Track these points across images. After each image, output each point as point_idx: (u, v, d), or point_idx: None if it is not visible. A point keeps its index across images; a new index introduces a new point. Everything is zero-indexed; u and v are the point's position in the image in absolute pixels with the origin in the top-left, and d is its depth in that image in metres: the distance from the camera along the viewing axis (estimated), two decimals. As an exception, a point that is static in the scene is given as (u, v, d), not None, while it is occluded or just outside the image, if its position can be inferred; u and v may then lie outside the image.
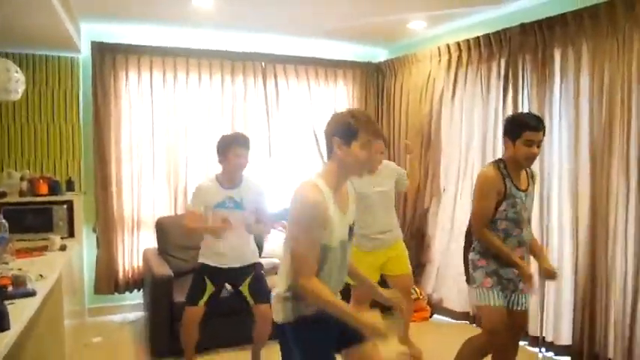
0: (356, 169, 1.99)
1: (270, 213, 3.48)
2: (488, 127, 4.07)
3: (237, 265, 3.21)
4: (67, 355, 3.27)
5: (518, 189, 2.69)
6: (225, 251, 3.15)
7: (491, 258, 2.72)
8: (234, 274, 3.22)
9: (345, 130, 1.93)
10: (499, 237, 2.68)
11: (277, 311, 2.01)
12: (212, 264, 3.18)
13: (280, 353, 2.05)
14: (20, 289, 2.31)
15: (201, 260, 3.24)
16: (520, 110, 3.77)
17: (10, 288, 2.31)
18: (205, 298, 3.17)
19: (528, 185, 2.76)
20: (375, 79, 5.28)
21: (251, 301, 3.24)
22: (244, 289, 3.24)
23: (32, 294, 2.29)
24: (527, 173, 2.79)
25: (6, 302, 1.99)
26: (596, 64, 3.28)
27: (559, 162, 3.55)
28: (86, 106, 4.31)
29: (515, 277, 2.72)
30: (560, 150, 3.54)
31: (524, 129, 2.58)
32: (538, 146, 2.62)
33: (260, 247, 3.90)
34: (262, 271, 3.34)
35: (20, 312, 2.07)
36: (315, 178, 1.96)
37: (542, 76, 3.63)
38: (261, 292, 3.19)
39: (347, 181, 2.08)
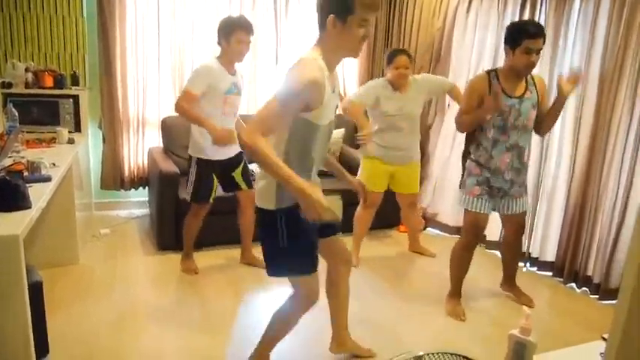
0: (352, 49, 1.87)
1: None
2: (500, 45, 3.98)
3: (232, 154, 3.30)
4: (78, 242, 3.46)
5: (509, 96, 2.76)
6: (225, 145, 3.18)
7: (485, 167, 2.86)
8: (230, 164, 3.31)
9: (341, 5, 1.78)
10: (487, 144, 2.85)
11: (265, 198, 1.95)
12: (210, 157, 3.20)
13: (262, 243, 2.04)
14: (35, 174, 2.41)
15: (197, 155, 3.21)
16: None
17: (25, 173, 2.40)
18: (214, 193, 3.28)
19: (525, 91, 2.81)
20: (389, -11, 5.08)
21: (243, 186, 3.37)
22: (237, 175, 3.36)
23: (48, 179, 2.39)
24: (526, 80, 2.83)
25: (25, 184, 2.09)
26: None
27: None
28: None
29: (504, 184, 2.90)
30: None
31: (523, 37, 2.63)
32: (537, 54, 2.67)
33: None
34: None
35: (38, 195, 2.17)
36: (317, 56, 1.84)
37: (561, -4, 3.52)
38: (250, 179, 3.41)
39: (341, 61, 1.99)
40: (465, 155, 3.05)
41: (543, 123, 2.91)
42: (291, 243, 1.96)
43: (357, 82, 5.08)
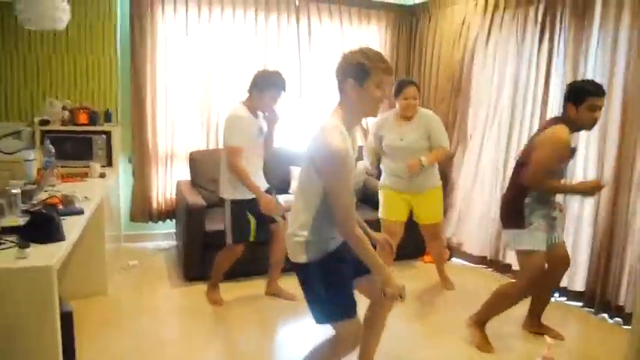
0: (371, 109, 2.00)
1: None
2: (520, 74, 4.04)
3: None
4: (107, 274, 3.55)
5: (572, 148, 2.84)
6: (260, 184, 3.25)
7: (544, 202, 2.87)
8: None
9: (358, 71, 1.91)
10: None
11: (298, 252, 2.04)
12: (245, 197, 3.22)
13: (303, 293, 2.11)
14: (70, 207, 2.52)
15: (236, 197, 3.23)
16: (554, 59, 3.75)
17: (60, 207, 2.51)
18: (253, 232, 3.29)
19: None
20: (409, 22, 5.20)
21: (278, 218, 3.38)
22: None
23: (80, 212, 2.50)
24: None
25: (59, 217, 2.19)
26: (637, 15, 3.19)
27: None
28: (124, 40, 4.41)
29: (557, 213, 2.96)
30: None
31: (588, 95, 2.70)
32: (599, 110, 2.74)
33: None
34: None
35: (72, 227, 2.27)
36: (337, 121, 1.95)
37: (579, 25, 3.55)
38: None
39: (360, 122, 2.10)
40: (513, 193, 2.92)
41: None
42: (329, 292, 2.03)
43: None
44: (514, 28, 4.09)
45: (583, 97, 2.70)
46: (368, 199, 4.47)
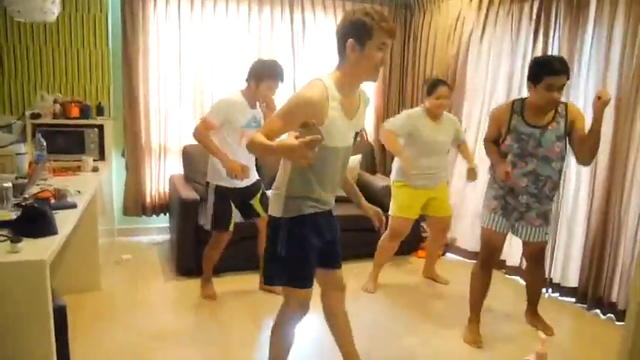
0: (370, 73, 1.93)
1: None
2: (514, 70, 4.04)
3: (250, 182, 3.34)
4: (100, 268, 3.53)
5: (530, 125, 2.75)
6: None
7: (502, 187, 2.88)
8: (248, 191, 3.35)
9: (360, 30, 1.85)
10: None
11: (274, 206, 2.06)
12: (229, 185, 3.23)
13: (265, 250, 2.10)
14: (62, 201, 2.49)
15: (216, 182, 3.25)
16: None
17: (52, 200, 2.49)
18: (233, 221, 3.32)
19: (552, 122, 2.74)
20: (404, 16, 5.19)
21: (262, 213, 3.38)
22: (256, 202, 3.40)
23: (73, 206, 2.47)
24: (557, 111, 2.76)
25: (52, 211, 2.16)
26: (632, 13, 3.20)
27: (584, 108, 3.53)
28: (115, 33, 4.36)
29: (519, 206, 2.87)
30: (585, 97, 3.52)
31: (544, 73, 2.58)
32: (559, 90, 2.61)
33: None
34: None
35: (64, 221, 2.24)
36: (326, 78, 1.92)
37: (574, 22, 3.56)
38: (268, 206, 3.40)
39: (359, 86, 2.03)
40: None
41: (582, 151, 2.74)
42: (289, 253, 2.02)
43: (373, 117, 5.22)
44: (509, 23, 4.09)
45: (540, 76, 2.60)
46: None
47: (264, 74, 3.11)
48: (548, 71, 2.57)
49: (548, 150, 2.76)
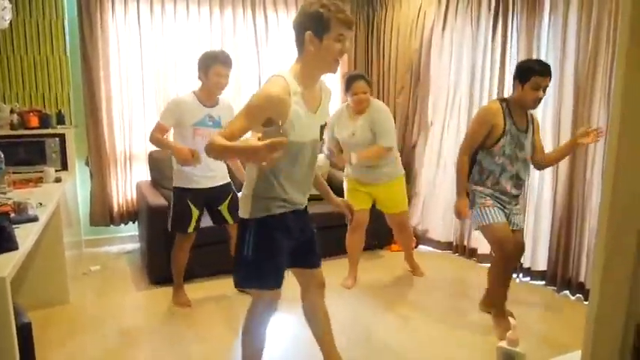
0: (329, 65, 1.93)
1: None
2: (476, 61, 4.11)
3: (214, 184, 3.29)
4: (68, 281, 3.43)
5: (518, 129, 2.90)
6: (203, 172, 3.19)
7: (487, 182, 2.95)
8: (213, 194, 3.30)
9: (317, 22, 1.84)
10: (496, 170, 2.91)
11: (243, 207, 2.04)
12: (191, 186, 3.20)
13: (237, 247, 2.08)
14: (23, 214, 2.40)
15: (178, 184, 3.23)
16: (508, 44, 3.83)
17: (12, 214, 2.40)
18: (194, 223, 3.27)
19: (527, 126, 2.96)
20: (366, 12, 5.20)
21: (230, 220, 3.35)
22: (224, 209, 3.35)
23: (35, 219, 2.39)
24: (527, 115, 2.98)
25: (11, 226, 2.08)
26: (584, 1, 3.29)
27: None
28: (72, 38, 4.24)
29: (506, 198, 2.97)
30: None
31: (533, 73, 2.78)
32: (544, 90, 2.83)
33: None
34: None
35: (25, 235, 2.17)
36: (286, 74, 1.91)
37: (531, 11, 3.64)
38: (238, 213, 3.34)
39: (319, 78, 2.02)
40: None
41: (546, 160, 3.06)
42: (257, 254, 2.00)
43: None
44: (469, 16, 4.14)
45: (528, 76, 2.80)
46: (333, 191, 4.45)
47: (209, 61, 3.11)
48: (537, 72, 2.78)
49: (526, 153, 2.97)
